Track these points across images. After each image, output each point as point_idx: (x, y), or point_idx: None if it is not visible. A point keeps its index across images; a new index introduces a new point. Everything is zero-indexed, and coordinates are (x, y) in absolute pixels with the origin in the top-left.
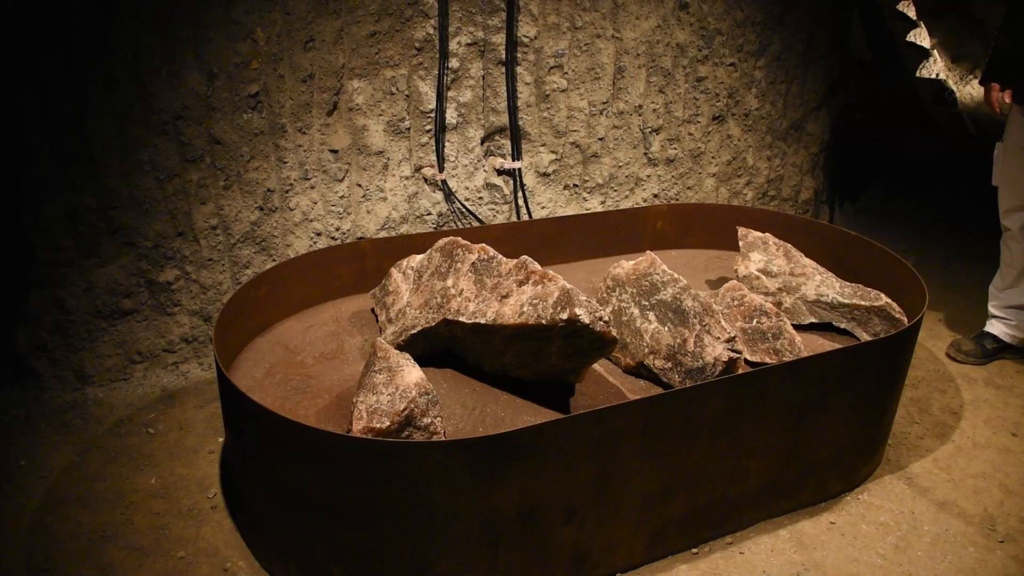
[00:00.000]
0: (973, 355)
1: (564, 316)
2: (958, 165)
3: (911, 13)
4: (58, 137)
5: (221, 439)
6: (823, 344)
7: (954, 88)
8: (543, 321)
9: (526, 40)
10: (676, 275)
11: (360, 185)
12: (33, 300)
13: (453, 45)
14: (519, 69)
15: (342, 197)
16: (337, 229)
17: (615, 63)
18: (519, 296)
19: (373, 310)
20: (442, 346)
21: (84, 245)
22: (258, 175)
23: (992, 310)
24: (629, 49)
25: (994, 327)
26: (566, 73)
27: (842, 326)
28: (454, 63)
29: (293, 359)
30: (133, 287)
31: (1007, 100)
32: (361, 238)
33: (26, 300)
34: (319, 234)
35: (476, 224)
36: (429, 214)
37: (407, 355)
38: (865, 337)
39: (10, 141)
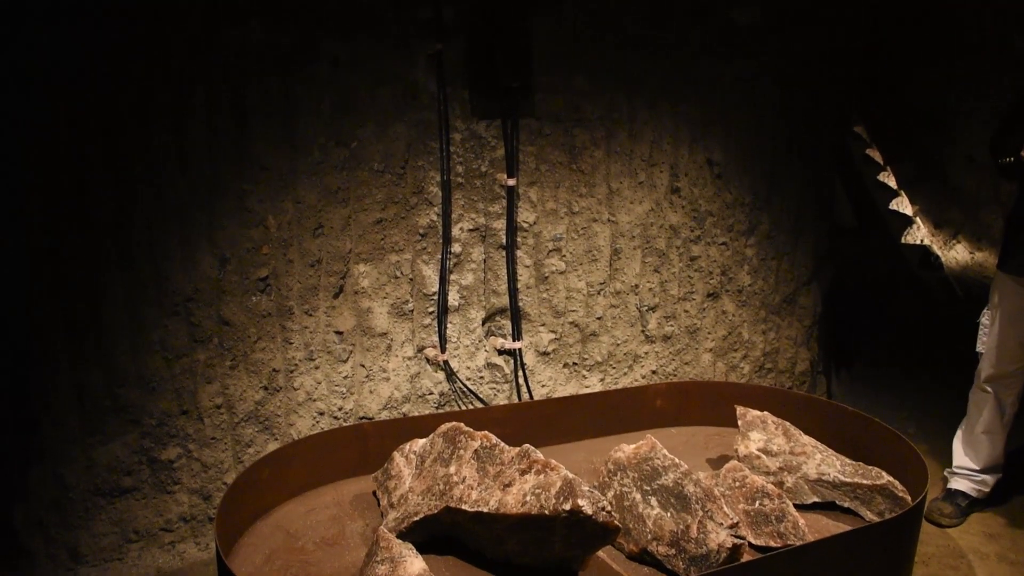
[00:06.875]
0: (956, 516)
1: (567, 507)
2: (949, 327)
3: (891, 183)
4: (69, 314)
5: None
6: (827, 524)
7: (939, 253)
8: (546, 511)
9: (526, 225)
10: (677, 460)
11: (363, 365)
12: (33, 476)
13: (456, 231)
14: (519, 252)
15: (345, 377)
16: (340, 408)
17: (611, 245)
18: (522, 485)
19: (375, 493)
20: (444, 531)
21: (89, 422)
22: (264, 355)
23: (957, 468)
24: (624, 232)
25: (961, 484)
26: (564, 256)
27: (845, 505)
28: (456, 248)
29: (294, 544)
30: (135, 465)
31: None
32: (363, 418)
33: (26, 475)
34: (322, 413)
35: (478, 404)
36: (431, 393)
37: (409, 545)
38: (870, 516)
39: (20, 313)
